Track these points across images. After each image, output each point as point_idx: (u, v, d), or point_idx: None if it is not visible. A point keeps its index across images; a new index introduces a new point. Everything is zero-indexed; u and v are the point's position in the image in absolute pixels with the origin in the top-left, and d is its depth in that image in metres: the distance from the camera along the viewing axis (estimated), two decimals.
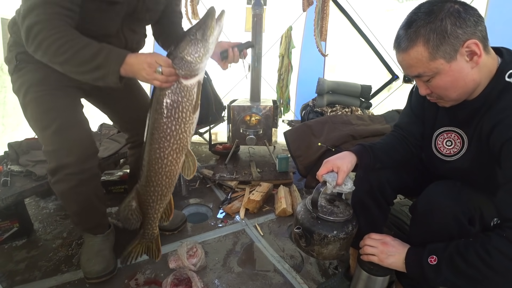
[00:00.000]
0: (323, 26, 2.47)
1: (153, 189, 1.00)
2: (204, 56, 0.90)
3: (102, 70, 0.91)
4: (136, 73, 0.92)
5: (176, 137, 0.94)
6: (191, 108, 0.92)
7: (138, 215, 1.05)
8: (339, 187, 0.98)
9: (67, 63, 0.91)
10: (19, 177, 1.36)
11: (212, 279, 1.33)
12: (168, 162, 0.96)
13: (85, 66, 0.91)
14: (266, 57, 3.01)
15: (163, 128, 0.92)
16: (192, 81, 0.91)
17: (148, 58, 0.89)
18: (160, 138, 0.93)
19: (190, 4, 2.75)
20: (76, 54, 0.89)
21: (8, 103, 2.04)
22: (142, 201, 1.03)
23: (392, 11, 2.70)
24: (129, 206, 1.04)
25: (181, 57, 0.87)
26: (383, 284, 1.00)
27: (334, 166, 1.00)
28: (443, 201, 0.87)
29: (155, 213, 1.05)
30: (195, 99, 0.93)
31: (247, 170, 2.41)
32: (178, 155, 0.97)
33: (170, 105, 0.91)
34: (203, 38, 0.88)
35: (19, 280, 1.28)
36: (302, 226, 1.00)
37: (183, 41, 0.88)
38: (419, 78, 0.84)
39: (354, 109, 2.57)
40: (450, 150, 0.96)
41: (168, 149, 0.95)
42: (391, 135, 1.17)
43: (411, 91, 1.14)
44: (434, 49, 0.75)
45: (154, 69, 0.87)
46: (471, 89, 0.82)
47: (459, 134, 0.94)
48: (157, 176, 0.98)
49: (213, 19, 0.89)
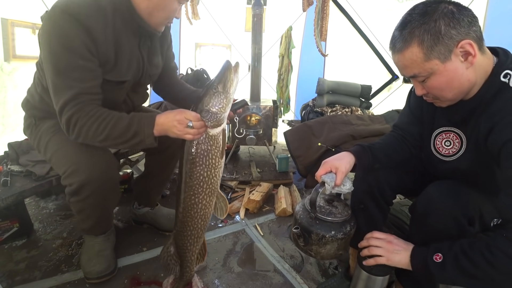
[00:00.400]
0: (323, 26, 2.47)
1: (190, 233, 1.07)
2: (227, 106, 0.98)
3: (139, 137, 1.02)
4: (168, 131, 1.01)
5: (208, 182, 1.01)
6: (219, 154, 1.01)
7: (177, 260, 1.12)
8: (338, 188, 0.98)
9: (107, 139, 1.02)
10: (19, 177, 1.36)
11: (212, 279, 1.33)
12: (202, 206, 1.04)
13: (123, 137, 1.02)
14: (266, 57, 3.01)
15: (196, 175, 1.00)
16: (218, 130, 0.99)
17: (178, 115, 0.97)
18: (194, 185, 1.01)
19: (190, 4, 2.75)
20: (112, 130, 1.00)
21: (8, 103, 2.04)
22: (179, 245, 1.10)
23: (392, 11, 2.70)
24: (168, 252, 1.11)
25: (207, 109, 0.95)
26: (383, 283, 1.00)
27: (333, 167, 1.00)
28: (442, 201, 0.87)
29: (192, 255, 1.12)
30: (222, 145, 1.01)
31: (247, 170, 2.41)
32: (211, 198, 1.05)
33: (201, 154, 0.99)
34: (224, 90, 0.96)
35: (19, 280, 1.28)
36: (301, 226, 1.00)
37: (207, 95, 0.96)
38: (414, 79, 0.84)
39: (354, 109, 2.57)
40: (449, 150, 0.96)
41: (202, 194, 1.02)
42: (390, 135, 1.17)
43: (410, 91, 1.14)
44: (429, 50, 0.75)
45: (184, 125, 0.95)
46: (467, 89, 0.82)
47: (458, 134, 0.94)
48: (193, 221, 1.05)
49: (231, 71, 0.98)
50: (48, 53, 0.98)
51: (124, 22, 1.06)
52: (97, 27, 0.98)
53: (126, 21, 1.07)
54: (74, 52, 0.95)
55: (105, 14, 1.01)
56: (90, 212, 1.19)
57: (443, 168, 0.99)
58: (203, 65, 2.91)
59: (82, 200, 1.13)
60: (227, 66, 0.98)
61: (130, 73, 1.16)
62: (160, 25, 1.12)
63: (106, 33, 1.01)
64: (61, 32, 0.94)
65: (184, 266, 1.13)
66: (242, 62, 3.48)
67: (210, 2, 3.22)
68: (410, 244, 0.92)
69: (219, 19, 3.34)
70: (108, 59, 1.05)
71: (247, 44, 2.88)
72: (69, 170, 1.09)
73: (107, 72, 1.07)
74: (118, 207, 1.89)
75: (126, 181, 2.10)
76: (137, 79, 1.23)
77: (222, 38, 3.44)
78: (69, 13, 0.93)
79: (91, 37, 0.96)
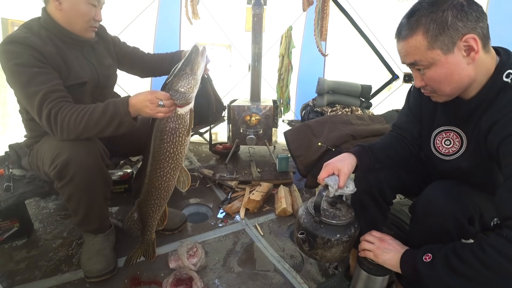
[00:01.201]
0: (323, 26, 2.47)
1: (153, 202, 1.17)
2: (195, 86, 1.06)
3: (116, 119, 1.08)
4: (141, 111, 1.07)
5: (174, 158, 1.10)
6: (185, 132, 1.09)
7: (139, 224, 1.21)
8: (341, 190, 0.98)
9: (88, 128, 1.08)
10: (22, 182, 1.34)
11: (212, 279, 1.33)
12: (166, 179, 1.13)
13: (102, 122, 1.08)
14: (266, 57, 3.01)
15: (163, 151, 1.08)
16: (186, 109, 1.07)
17: (149, 96, 1.03)
18: (161, 160, 1.09)
19: (190, 4, 2.75)
20: (90, 117, 1.07)
21: (8, 103, 2.04)
22: (143, 212, 1.19)
23: (392, 11, 2.70)
24: (132, 218, 1.20)
25: (176, 89, 1.03)
26: (383, 284, 1.00)
27: (335, 169, 0.99)
28: (442, 201, 0.87)
29: (153, 221, 1.22)
30: (189, 124, 1.09)
31: (247, 170, 2.41)
32: (175, 172, 1.15)
33: (169, 132, 1.07)
34: (192, 72, 1.05)
35: (19, 280, 1.28)
36: (305, 231, 0.99)
37: (176, 76, 1.04)
38: (414, 67, 0.84)
39: (354, 109, 2.57)
40: (449, 150, 0.96)
41: (167, 168, 1.11)
42: (389, 135, 1.17)
43: (409, 91, 1.14)
44: (433, 39, 0.75)
45: (156, 104, 1.02)
46: (465, 85, 0.82)
47: (458, 133, 0.94)
48: (157, 191, 1.15)
49: (198, 55, 1.05)
50: (10, 77, 1.10)
51: (58, 39, 1.19)
52: (38, 43, 1.10)
53: (59, 38, 1.19)
54: (27, 64, 1.07)
55: (40, 35, 1.14)
56: (78, 198, 1.18)
57: (443, 168, 0.99)
58: None
59: (67, 183, 1.14)
60: (195, 50, 1.05)
61: (86, 75, 1.26)
62: (85, 31, 1.22)
63: (48, 48, 1.13)
64: (11, 55, 1.07)
65: (146, 231, 1.22)
66: (242, 62, 3.52)
67: (210, 2, 3.22)
68: (404, 247, 0.91)
69: (219, 19, 3.34)
70: (60, 67, 1.16)
71: (247, 44, 2.88)
72: (54, 155, 1.13)
73: (65, 79, 1.18)
74: (118, 207, 1.90)
75: (126, 181, 2.10)
76: (95, 82, 1.32)
77: (222, 38, 3.44)
78: (13, 41, 1.08)
79: (37, 51, 1.09)
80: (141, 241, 1.24)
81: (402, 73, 2.83)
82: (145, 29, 3.04)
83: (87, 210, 1.23)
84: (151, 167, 1.11)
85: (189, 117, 1.09)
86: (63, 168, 1.11)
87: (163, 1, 3.08)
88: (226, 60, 3.58)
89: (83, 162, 1.13)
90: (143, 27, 2.99)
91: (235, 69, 3.59)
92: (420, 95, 1.04)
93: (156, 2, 3.04)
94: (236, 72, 3.59)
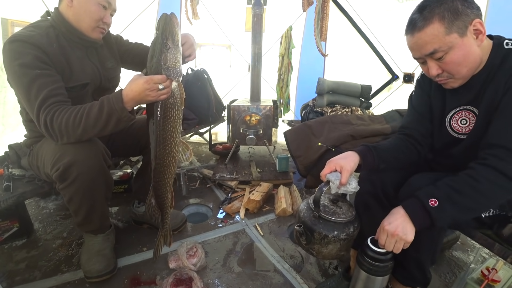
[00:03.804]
0: (323, 26, 2.47)
1: (166, 181, 1.17)
2: (180, 58, 1.06)
3: (114, 115, 1.07)
4: (142, 101, 1.07)
5: (176, 131, 1.11)
6: (181, 103, 1.10)
7: (158, 210, 1.22)
8: (343, 187, 0.98)
9: (87, 129, 1.07)
10: (21, 182, 1.34)
11: (212, 279, 1.33)
12: (173, 154, 1.14)
13: (100, 121, 1.07)
14: (266, 57, 3.01)
15: (168, 127, 1.09)
16: (179, 80, 1.08)
17: (146, 85, 1.02)
18: (167, 137, 1.10)
19: (190, 4, 2.76)
20: (87, 118, 1.06)
21: (8, 103, 2.04)
22: (158, 195, 1.19)
23: (392, 11, 2.70)
24: (151, 204, 1.20)
25: (167, 67, 1.03)
26: (382, 284, 1.00)
27: (337, 165, 0.99)
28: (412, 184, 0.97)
29: (168, 202, 1.22)
30: (181, 94, 1.10)
31: (247, 170, 2.41)
32: (178, 146, 1.16)
33: (170, 108, 1.08)
34: (174, 45, 1.02)
35: (19, 280, 1.28)
36: (304, 224, 1.00)
37: (162, 54, 1.02)
38: (431, 57, 0.88)
39: (354, 109, 2.57)
40: (467, 128, 0.99)
41: (172, 144, 1.12)
42: (396, 138, 1.16)
43: (410, 95, 1.16)
44: (450, 24, 0.82)
45: (156, 90, 1.02)
46: (477, 66, 0.90)
47: (471, 110, 0.97)
48: (168, 169, 1.15)
49: (173, 25, 1.01)
50: (12, 77, 1.10)
51: (66, 39, 1.20)
52: (43, 43, 1.11)
53: (67, 38, 1.20)
54: (30, 66, 1.07)
55: (47, 34, 1.15)
56: (80, 199, 1.18)
57: (459, 149, 1.01)
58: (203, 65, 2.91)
59: (70, 184, 1.14)
60: (168, 21, 1.01)
61: (88, 77, 1.27)
62: (92, 30, 1.23)
63: (53, 48, 1.13)
64: (15, 55, 1.07)
65: (164, 213, 1.22)
66: (242, 62, 3.52)
67: (210, 2, 3.22)
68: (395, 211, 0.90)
69: (219, 19, 3.34)
70: (63, 68, 1.17)
71: (247, 44, 2.88)
72: (56, 157, 1.13)
73: (67, 80, 1.18)
74: (118, 207, 1.90)
75: (126, 181, 2.11)
76: (97, 83, 1.33)
77: (222, 38, 3.44)
78: (18, 40, 1.08)
79: (41, 51, 1.09)
80: (161, 226, 1.24)
81: (402, 73, 2.83)
82: (145, 29, 3.04)
83: (88, 211, 1.23)
84: (158, 147, 1.10)
85: (179, 88, 1.09)
86: (65, 170, 1.11)
87: (163, 1, 3.08)
88: (226, 60, 3.59)
89: (85, 164, 1.13)
90: (143, 27, 2.99)
91: (235, 69, 3.59)
92: (423, 90, 1.09)
93: (156, 2, 3.04)
94: (236, 72, 3.59)
